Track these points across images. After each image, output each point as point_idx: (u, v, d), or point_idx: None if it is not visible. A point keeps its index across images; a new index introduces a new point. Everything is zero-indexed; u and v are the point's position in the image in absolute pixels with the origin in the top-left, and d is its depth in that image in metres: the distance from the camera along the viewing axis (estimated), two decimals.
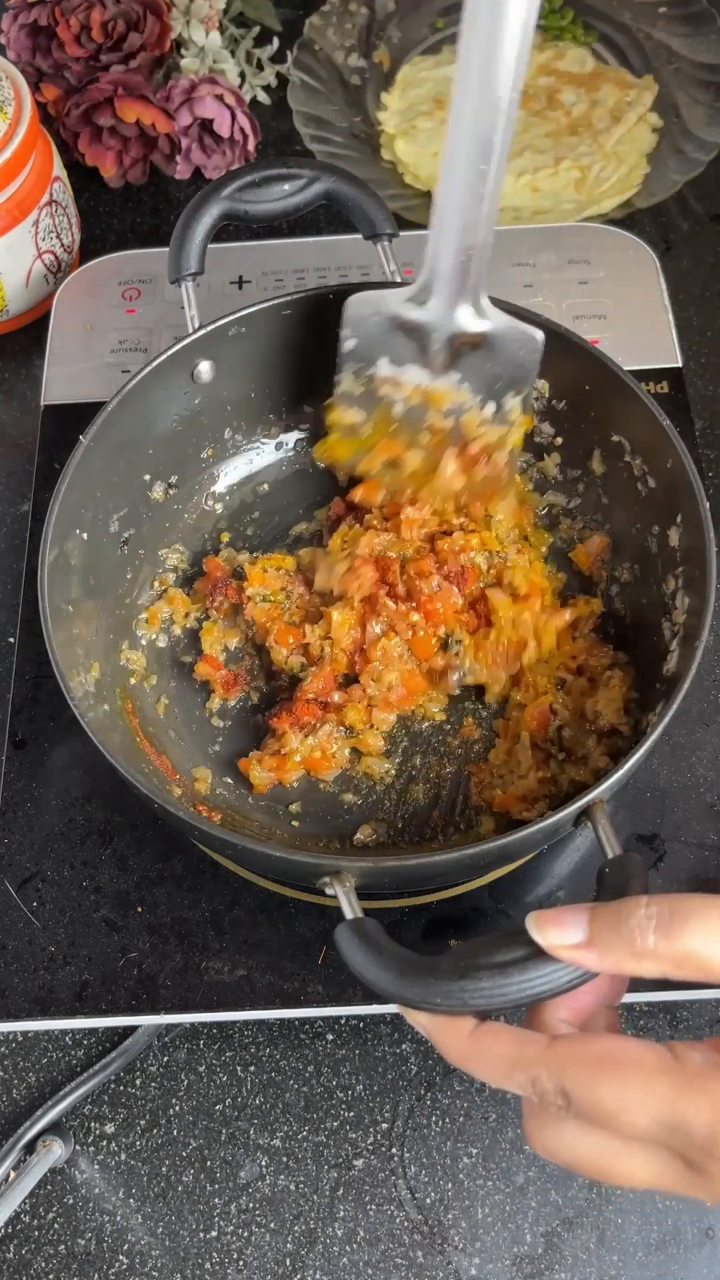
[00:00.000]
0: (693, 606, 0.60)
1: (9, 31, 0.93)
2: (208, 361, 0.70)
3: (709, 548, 0.58)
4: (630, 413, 0.64)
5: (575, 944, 0.43)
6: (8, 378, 0.88)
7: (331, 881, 0.51)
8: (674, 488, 0.62)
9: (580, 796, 0.52)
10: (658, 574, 0.65)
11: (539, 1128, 0.43)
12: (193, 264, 0.70)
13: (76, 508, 0.64)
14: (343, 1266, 0.58)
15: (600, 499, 0.70)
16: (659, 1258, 0.58)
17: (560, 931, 0.43)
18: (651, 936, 0.41)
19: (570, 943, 0.43)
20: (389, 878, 0.55)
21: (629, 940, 0.41)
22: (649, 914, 0.41)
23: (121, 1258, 0.59)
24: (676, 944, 0.41)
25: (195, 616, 0.71)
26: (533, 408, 0.69)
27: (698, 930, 0.41)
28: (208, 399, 0.72)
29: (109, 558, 0.69)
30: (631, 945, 0.41)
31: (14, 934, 0.63)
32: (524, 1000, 0.43)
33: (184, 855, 0.65)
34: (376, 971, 0.45)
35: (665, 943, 0.41)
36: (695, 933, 0.41)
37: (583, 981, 0.44)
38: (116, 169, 0.94)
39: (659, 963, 0.41)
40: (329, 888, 0.51)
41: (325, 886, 0.51)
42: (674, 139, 0.93)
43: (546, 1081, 0.41)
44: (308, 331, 0.70)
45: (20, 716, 0.69)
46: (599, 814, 0.52)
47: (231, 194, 0.70)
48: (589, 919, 0.43)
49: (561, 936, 0.43)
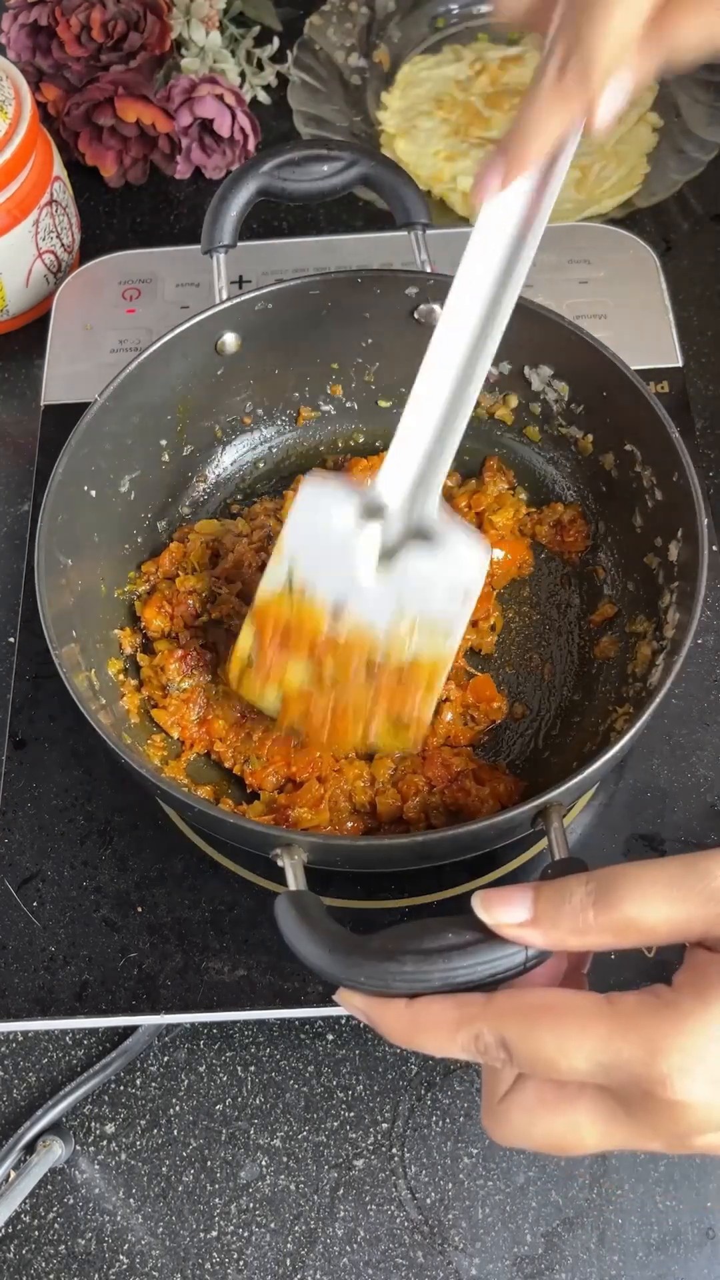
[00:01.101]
0: (681, 621, 0.60)
1: (9, 31, 0.93)
2: (233, 334, 0.70)
3: (702, 564, 0.58)
4: (643, 423, 0.65)
5: (520, 922, 0.43)
6: (8, 378, 0.88)
7: (282, 854, 0.52)
8: (677, 501, 0.62)
9: (537, 797, 0.52)
10: (657, 587, 0.65)
11: (492, 1116, 0.44)
12: (226, 236, 0.71)
13: (86, 465, 0.65)
14: (343, 1266, 0.58)
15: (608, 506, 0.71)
16: (659, 1258, 0.58)
17: (506, 909, 0.43)
18: (590, 912, 0.42)
19: (515, 921, 0.43)
20: (338, 855, 0.56)
21: (571, 917, 0.42)
22: (589, 890, 0.42)
23: (121, 1258, 0.59)
24: (615, 914, 0.41)
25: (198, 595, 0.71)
26: (462, 637, 0.63)
27: (631, 897, 0.41)
28: (230, 371, 0.72)
29: (115, 518, 0.69)
30: (574, 922, 0.42)
31: (14, 934, 0.63)
32: (445, 987, 0.43)
33: (184, 855, 0.65)
34: (308, 945, 0.45)
35: (604, 915, 0.41)
36: (629, 900, 0.41)
37: (507, 977, 0.44)
38: (116, 169, 0.94)
39: (601, 936, 0.42)
40: (279, 859, 0.52)
41: (276, 858, 0.52)
42: (674, 139, 0.93)
43: (488, 1035, 0.42)
44: (334, 314, 0.71)
45: (20, 716, 0.69)
46: (554, 817, 0.52)
47: (270, 170, 0.71)
48: (533, 897, 0.43)
49: (508, 914, 0.43)
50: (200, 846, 0.65)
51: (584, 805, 0.65)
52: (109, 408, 0.66)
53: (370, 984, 0.44)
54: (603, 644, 0.68)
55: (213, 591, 0.69)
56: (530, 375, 0.72)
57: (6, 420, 0.86)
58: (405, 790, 0.63)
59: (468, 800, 0.62)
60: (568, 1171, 0.60)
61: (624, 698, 0.65)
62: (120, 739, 0.58)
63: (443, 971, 0.43)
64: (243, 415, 0.76)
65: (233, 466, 0.77)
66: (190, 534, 0.72)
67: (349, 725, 0.61)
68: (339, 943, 0.45)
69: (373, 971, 0.44)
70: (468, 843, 0.56)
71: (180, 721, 0.66)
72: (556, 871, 0.47)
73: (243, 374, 0.73)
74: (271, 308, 0.70)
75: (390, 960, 0.44)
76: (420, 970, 0.43)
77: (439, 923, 0.45)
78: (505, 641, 0.70)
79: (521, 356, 0.71)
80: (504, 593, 0.72)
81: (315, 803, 0.62)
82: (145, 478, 0.71)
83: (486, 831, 0.53)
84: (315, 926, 0.46)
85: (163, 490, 0.74)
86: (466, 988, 0.43)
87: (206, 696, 0.67)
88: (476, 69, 0.98)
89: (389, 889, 0.63)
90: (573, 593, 0.71)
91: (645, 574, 0.67)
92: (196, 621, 0.69)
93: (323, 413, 0.78)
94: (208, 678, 0.67)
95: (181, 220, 0.95)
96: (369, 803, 0.63)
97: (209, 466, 0.76)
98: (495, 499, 0.73)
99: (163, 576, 0.71)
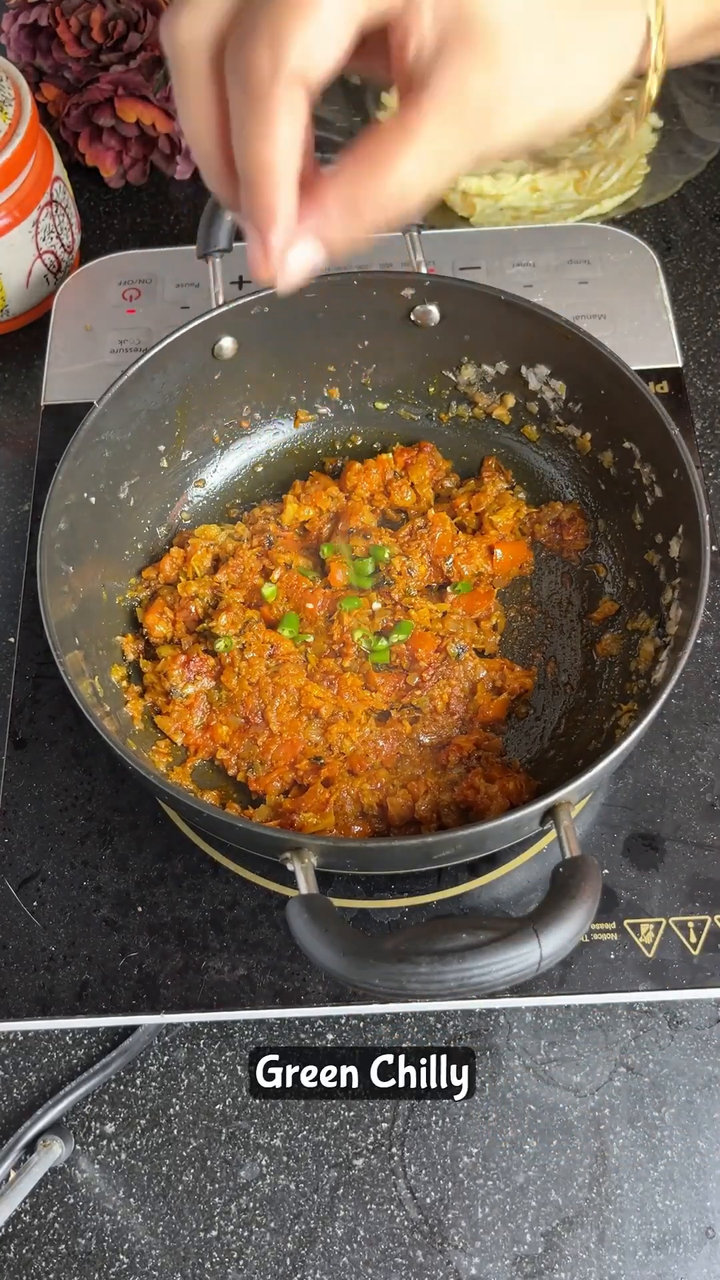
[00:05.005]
0: (684, 618, 0.60)
1: (9, 31, 0.93)
2: (230, 338, 0.70)
3: (704, 560, 0.58)
4: (642, 420, 0.65)
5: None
6: (8, 378, 0.88)
7: (292, 857, 0.51)
8: (678, 498, 0.62)
9: (545, 796, 0.52)
10: (659, 584, 0.65)
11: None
12: (221, 241, 0.71)
13: (85, 472, 0.65)
14: (343, 1266, 0.58)
15: (607, 504, 0.71)
16: (659, 1257, 0.58)
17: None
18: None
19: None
20: (350, 858, 0.56)
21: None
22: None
23: (122, 1257, 0.59)
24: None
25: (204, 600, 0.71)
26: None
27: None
28: (228, 375, 0.72)
29: (115, 524, 0.69)
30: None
31: (14, 934, 0.63)
32: (461, 991, 0.43)
33: (184, 855, 0.65)
34: (321, 948, 0.45)
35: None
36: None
37: (522, 977, 0.43)
38: (116, 169, 0.94)
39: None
40: (289, 863, 0.52)
41: (286, 862, 0.52)
42: (674, 139, 0.93)
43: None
44: (330, 317, 0.71)
45: (20, 716, 0.69)
46: (563, 815, 0.52)
47: None
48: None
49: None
50: (200, 846, 0.65)
51: (584, 804, 0.66)
52: (107, 414, 0.66)
53: (384, 986, 0.43)
54: (605, 641, 0.68)
55: (214, 596, 0.69)
56: (527, 374, 0.72)
57: (6, 420, 0.86)
58: (415, 790, 0.63)
59: (477, 798, 0.62)
60: (568, 1171, 0.60)
61: (628, 695, 0.65)
62: (126, 745, 0.58)
63: (457, 972, 0.43)
64: (240, 419, 0.76)
65: (231, 471, 0.77)
66: (190, 539, 0.72)
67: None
68: (353, 945, 0.45)
69: (387, 973, 0.43)
70: (478, 842, 0.56)
71: (184, 727, 0.66)
72: (567, 870, 0.47)
73: (240, 378, 0.73)
74: (268, 311, 0.70)
75: (404, 962, 0.43)
76: (435, 971, 0.43)
77: (452, 923, 0.45)
78: (507, 640, 0.70)
79: (518, 356, 0.71)
80: (505, 592, 0.72)
81: (320, 807, 0.62)
82: (144, 483, 0.71)
83: (497, 831, 0.52)
84: (329, 930, 0.46)
85: (162, 496, 0.74)
86: (482, 990, 0.43)
87: (210, 702, 0.67)
88: None
89: (389, 889, 0.63)
90: (574, 591, 0.71)
91: (646, 571, 0.67)
92: (199, 626, 0.69)
93: (320, 415, 0.78)
94: (211, 683, 0.67)
95: (181, 220, 0.95)
96: (376, 805, 0.63)
97: (208, 471, 0.76)
98: (495, 499, 0.73)
99: (164, 582, 0.71)
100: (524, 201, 0.91)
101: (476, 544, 0.71)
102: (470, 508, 0.73)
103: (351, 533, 0.72)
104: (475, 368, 0.73)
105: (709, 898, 0.62)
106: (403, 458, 0.75)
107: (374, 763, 0.64)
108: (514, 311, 0.68)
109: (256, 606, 0.69)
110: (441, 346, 0.73)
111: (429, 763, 0.65)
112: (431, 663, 0.66)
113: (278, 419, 0.77)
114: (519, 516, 0.73)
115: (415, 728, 0.66)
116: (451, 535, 0.71)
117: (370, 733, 0.65)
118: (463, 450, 0.76)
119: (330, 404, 0.77)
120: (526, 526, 0.73)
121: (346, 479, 0.74)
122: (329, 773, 0.64)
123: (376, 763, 0.64)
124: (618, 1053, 0.62)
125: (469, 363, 0.73)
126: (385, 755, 0.65)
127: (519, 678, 0.67)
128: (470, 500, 0.73)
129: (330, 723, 0.65)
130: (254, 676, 0.66)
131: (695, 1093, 0.61)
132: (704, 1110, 0.61)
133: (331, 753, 0.65)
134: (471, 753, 0.64)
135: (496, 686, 0.67)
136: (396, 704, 0.67)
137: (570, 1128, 0.61)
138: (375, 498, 0.74)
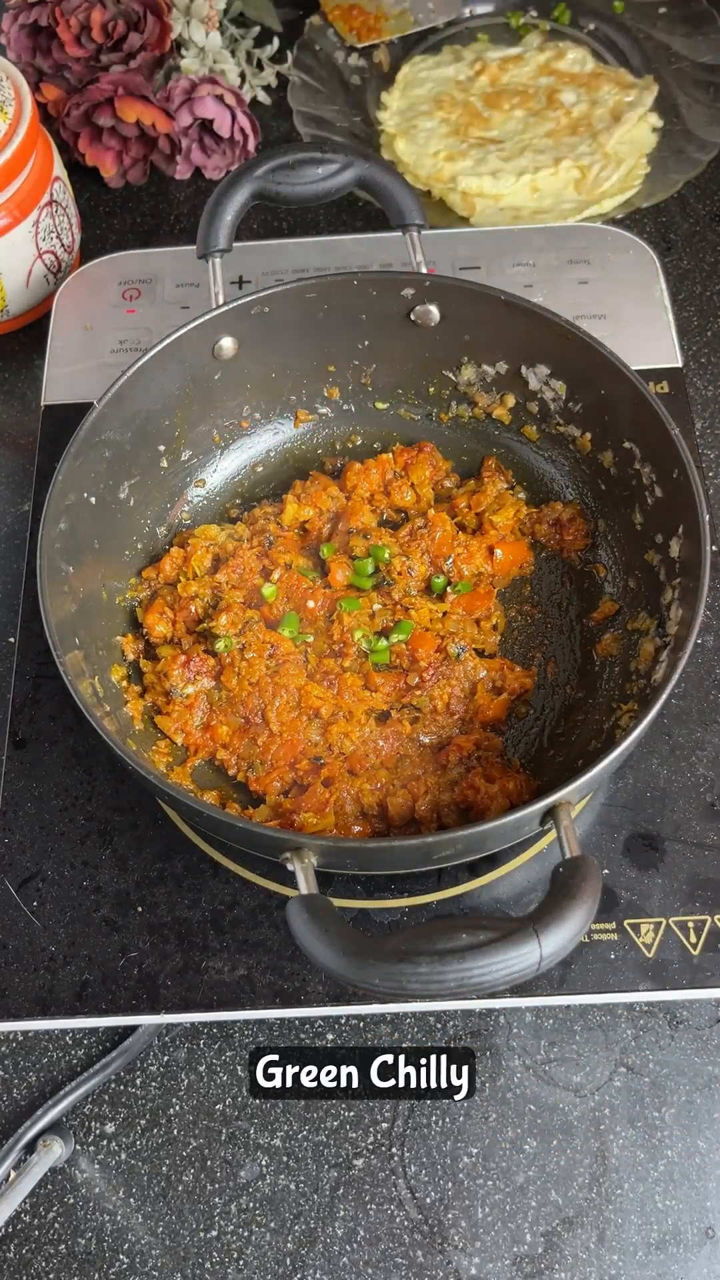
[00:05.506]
0: (684, 618, 0.60)
1: (9, 31, 0.93)
2: (230, 338, 0.70)
3: (704, 560, 0.58)
4: (642, 420, 0.65)
5: None
6: (8, 378, 0.88)
7: (292, 857, 0.51)
8: (678, 498, 0.62)
9: (545, 796, 0.52)
10: (659, 584, 0.65)
11: None
12: (221, 241, 0.71)
13: (85, 472, 0.65)
14: (343, 1266, 0.58)
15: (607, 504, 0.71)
16: (659, 1257, 0.58)
17: None
18: None
19: None
20: (350, 858, 0.56)
21: None
22: None
23: (122, 1257, 0.59)
24: None
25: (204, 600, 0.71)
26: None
27: None
28: (228, 375, 0.72)
29: (115, 525, 0.69)
30: None
31: (14, 934, 0.63)
32: (461, 991, 0.43)
33: (184, 855, 0.65)
34: (322, 949, 0.45)
35: None
36: None
37: (522, 978, 0.43)
38: (116, 169, 0.94)
39: None
40: (289, 863, 0.52)
41: (286, 862, 0.52)
42: (674, 139, 0.93)
43: None
44: (330, 317, 0.71)
45: (20, 716, 0.69)
46: (563, 815, 0.52)
47: (265, 174, 0.71)
48: None
49: None
50: (200, 846, 0.65)
51: (584, 804, 0.65)
52: (107, 414, 0.66)
53: (384, 986, 0.44)
54: (605, 641, 0.68)
55: (214, 596, 0.69)
56: (527, 374, 0.72)
57: (6, 420, 0.86)
58: (415, 790, 0.63)
59: (477, 798, 0.62)
60: (568, 1171, 0.60)
61: (628, 695, 0.65)
62: (126, 745, 0.58)
63: (457, 972, 0.43)
64: (240, 419, 0.76)
65: (231, 471, 0.77)
66: (190, 539, 0.72)
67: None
68: (353, 945, 0.45)
69: (387, 974, 0.43)
70: (478, 842, 0.56)
71: (184, 727, 0.66)
72: (568, 870, 0.47)
73: (240, 378, 0.73)
74: (268, 311, 0.70)
75: (405, 962, 0.43)
76: (435, 971, 0.43)
77: (452, 923, 0.45)
78: (507, 640, 0.70)
79: (518, 356, 0.71)
80: (505, 592, 0.72)
81: (320, 807, 0.62)
82: (144, 483, 0.71)
83: (497, 831, 0.52)
84: (329, 930, 0.46)
85: (162, 496, 0.74)
86: (482, 990, 0.43)
87: (210, 702, 0.67)
88: (476, 69, 0.98)
89: (389, 889, 0.63)
90: (573, 591, 0.71)
91: (646, 571, 0.67)
92: (199, 626, 0.69)
93: (320, 415, 0.78)
94: (211, 683, 0.67)
95: (181, 221, 0.95)
96: (376, 805, 0.63)
97: (207, 471, 0.76)
98: (495, 499, 0.73)
99: (164, 582, 0.71)
100: (524, 201, 0.91)
101: (476, 544, 0.71)
102: (470, 508, 0.73)
103: (351, 533, 0.72)
104: (475, 368, 0.73)
105: (709, 898, 0.62)
106: (403, 458, 0.75)
107: (374, 763, 0.64)
108: (514, 311, 0.68)
109: (256, 606, 0.69)
110: (441, 346, 0.73)
111: (429, 763, 0.65)
112: (431, 663, 0.66)
113: (278, 419, 0.77)
114: (519, 516, 0.73)
115: (415, 728, 0.66)
116: (451, 535, 0.71)
117: (370, 733, 0.65)
118: (463, 450, 0.76)
119: (330, 404, 0.77)
120: (526, 526, 0.73)
121: (346, 479, 0.74)
122: (329, 773, 0.64)
123: (376, 763, 0.64)
124: (618, 1053, 0.62)
125: (469, 363, 0.73)
126: (385, 755, 0.65)
127: (519, 678, 0.67)
128: (470, 500, 0.73)
129: (330, 723, 0.65)
130: (254, 676, 0.66)
131: (695, 1093, 0.61)
132: (704, 1110, 0.61)
133: (331, 753, 0.65)
134: (471, 753, 0.64)
135: (496, 686, 0.67)
136: (396, 704, 0.67)
137: (570, 1128, 0.61)
138: (375, 498, 0.74)
